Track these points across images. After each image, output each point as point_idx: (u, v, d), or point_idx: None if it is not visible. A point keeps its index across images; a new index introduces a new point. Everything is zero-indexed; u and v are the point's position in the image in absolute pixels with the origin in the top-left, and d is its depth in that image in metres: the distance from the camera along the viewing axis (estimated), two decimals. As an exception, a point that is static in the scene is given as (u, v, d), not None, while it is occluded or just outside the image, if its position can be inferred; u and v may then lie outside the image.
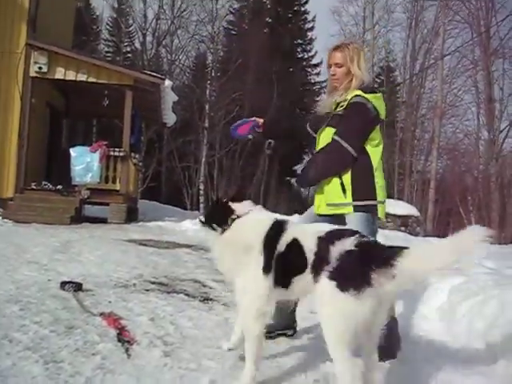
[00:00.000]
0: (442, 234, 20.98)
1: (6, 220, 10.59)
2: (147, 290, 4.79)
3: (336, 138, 3.38)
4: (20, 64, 12.89)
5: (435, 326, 3.99)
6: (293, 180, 5.46)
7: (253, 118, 4.00)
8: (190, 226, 13.49)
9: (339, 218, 3.42)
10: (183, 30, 34.09)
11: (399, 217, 15.36)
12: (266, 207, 3.34)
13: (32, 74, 12.89)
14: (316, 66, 39.81)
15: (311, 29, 39.56)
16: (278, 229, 2.72)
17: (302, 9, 39.50)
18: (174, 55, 34.73)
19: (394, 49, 38.16)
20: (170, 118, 16.73)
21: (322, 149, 3.49)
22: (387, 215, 15.05)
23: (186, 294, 4.85)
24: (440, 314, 4.06)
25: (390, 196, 25.75)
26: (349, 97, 3.42)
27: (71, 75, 13.16)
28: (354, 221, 3.34)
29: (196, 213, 22.80)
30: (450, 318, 3.90)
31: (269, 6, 37.89)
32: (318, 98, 41.16)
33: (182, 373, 2.74)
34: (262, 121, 4.02)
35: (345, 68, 3.48)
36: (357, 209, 3.37)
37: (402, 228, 14.66)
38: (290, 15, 39.11)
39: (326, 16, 38.23)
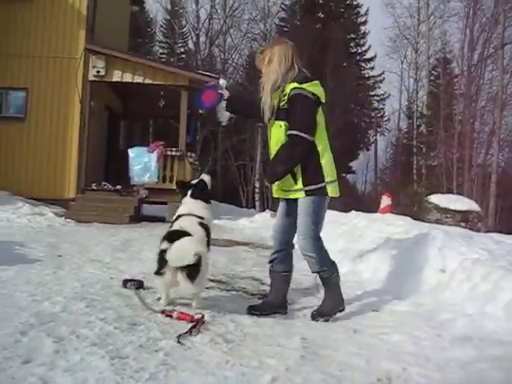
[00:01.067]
0: (504, 229, 20.31)
1: (68, 220, 10.94)
2: (207, 288, 4.83)
3: (294, 132, 3.78)
4: (79, 69, 13.28)
5: (501, 325, 3.85)
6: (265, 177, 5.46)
7: (215, 83, 4.37)
8: (247, 224, 13.57)
9: (294, 201, 3.96)
10: (235, 28, 34.36)
11: (459, 212, 14.93)
12: None
13: (90, 77, 13.28)
14: (370, 60, 39.29)
15: (364, 23, 39.06)
16: None
17: (355, 2, 39.03)
18: (227, 54, 35.04)
19: (450, 40, 37.17)
20: (224, 117, 16.79)
21: (285, 145, 3.86)
22: (447, 211, 14.70)
23: (245, 292, 4.87)
24: (507, 313, 3.91)
25: (449, 191, 25.17)
26: (287, 91, 3.84)
27: (128, 77, 13.47)
28: (303, 204, 3.88)
29: (252, 211, 22.90)
30: (518, 317, 3.76)
31: (320, 1, 37.65)
32: (372, 93, 40.63)
33: (243, 370, 2.75)
34: (227, 93, 4.47)
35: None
36: (307, 193, 3.86)
37: (462, 224, 14.24)
38: (342, 10, 38.71)
39: (379, 9, 37.86)
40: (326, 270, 3.97)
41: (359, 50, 39.57)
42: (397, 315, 4.23)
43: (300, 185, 3.87)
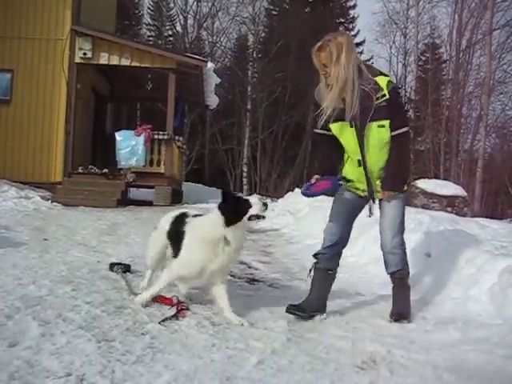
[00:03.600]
0: (490, 214, 20.51)
1: (55, 203, 10.87)
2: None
3: (405, 129, 3.54)
4: (65, 50, 13.12)
5: (485, 308, 3.90)
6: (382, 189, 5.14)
7: (313, 181, 3.72)
8: (234, 208, 13.55)
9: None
10: (224, 11, 33.97)
11: (445, 197, 15.01)
12: None
13: (77, 59, 13.14)
14: (358, 45, 39.12)
15: (353, 7, 38.85)
16: None
17: (344, -13, 38.81)
18: (215, 37, 34.71)
19: (439, 25, 37.23)
20: (212, 101, 16.77)
21: (401, 147, 3.54)
22: (433, 195, 14.78)
23: (233, 275, 4.89)
24: (490, 296, 3.96)
25: (436, 176, 25.32)
26: (382, 86, 3.46)
27: (115, 60, 13.35)
28: (401, 199, 3.69)
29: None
30: (501, 301, 3.81)
31: (310, -15, 37.36)
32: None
33: (229, 353, 2.76)
34: (316, 176, 3.76)
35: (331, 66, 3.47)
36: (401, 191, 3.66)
37: (449, 209, 14.33)
38: (331, -7, 38.47)
39: (369, -7, 37.50)
40: (406, 269, 3.77)
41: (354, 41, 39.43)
42: (382, 299, 4.27)
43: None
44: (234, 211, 3.29)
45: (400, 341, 3.22)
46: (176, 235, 3.52)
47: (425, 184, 15.35)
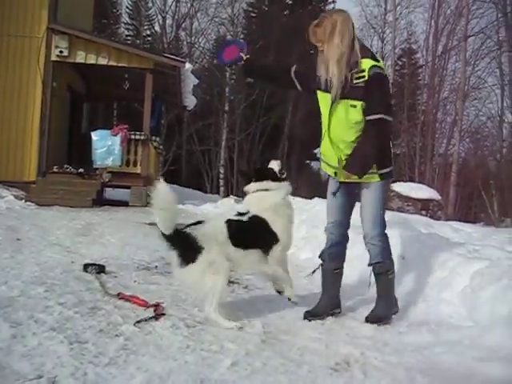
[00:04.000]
0: (463, 218, 20.78)
1: (28, 203, 10.72)
2: (169, 273, 4.80)
3: (381, 115, 3.48)
4: (41, 48, 12.95)
5: (457, 310, 3.96)
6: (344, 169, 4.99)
7: (235, 39, 4.02)
8: (211, 209, 13.53)
9: (359, 185, 3.70)
10: (203, 12, 33.92)
11: (420, 200, 15.21)
12: None
13: (53, 57, 12.95)
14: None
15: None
16: None
17: (323, -10, 38.98)
18: (193, 38, 34.63)
19: (416, 30, 37.56)
20: (190, 102, 16.71)
21: (372, 131, 3.51)
22: (408, 199, 14.94)
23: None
24: (462, 299, 4.02)
25: (411, 179, 25.59)
26: (364, 67, 3.48)
27: (92, 59, 13.19)
28: (375, 189, 3.67)
29: (216, 196, 22.88)
30: (473, 303, 3.86)
31: (289, -13, 37.49)
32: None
33: (204, 355, 2.76)
34: (245, 56, 3.98)
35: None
36: (381, 177, 3.66)
37: (423, 212, 14.53)
38: (310, -4, 38.64)
39: (347, -3, 37.71)
40: (387, 262, 3.72)
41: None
42: (356, 300, 4.31)
43: (375, 168, 3.61)
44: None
45: (374, 343, 3.25)
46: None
47: (400, 187, 15.53)
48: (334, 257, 3.82)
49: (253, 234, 3.53)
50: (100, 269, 4.51)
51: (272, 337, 3.19)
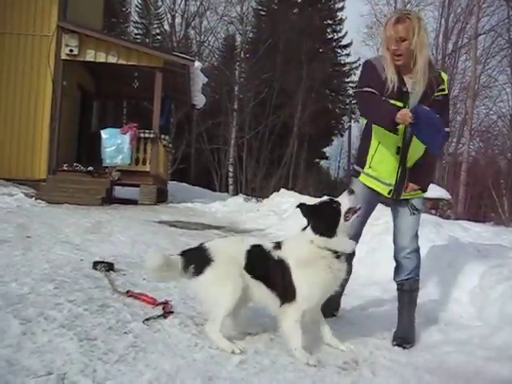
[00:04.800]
0: (473, 217, 20.68)
1: (39, 201, 10.78)
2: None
3: (447, 130, 3.32)
4: (51, 47, 13.02)
5: (466, 309, 3.94)
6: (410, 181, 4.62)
7: None
8: (220, 208, 13.56)
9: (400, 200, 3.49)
10: (212, 11, 33.92)
11: (429, 199, 15.13)
12: (295, 189, 3.40)
13: (63, 56, 13.03)
14: (346, 46, 39.26)
15: (341, 9, 38.94)
16: None
17: (332, -12, 38.90)
18: (203, 37, 34.65)
19: (426, 28, 37.27)
20: (199, 100, 16.74)
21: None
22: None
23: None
24: (471, 298, 4.01)
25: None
26: (444, 79, 3.36)
27: (101, 57, 13.26)
28: (417, 203, 3.49)
29: (225, 194, 22.91)
30: (482, 302, 3.85)
31: (298, -14, 37.43)
32: (347, 79, 40.68)
33: (212, 352, 2.76)
34: None
35: (408, 42, 3.17)
36: (423, 191, 3.51)
37: (433, 211, 14.47)
38: (319, -5, 38.57)
39: (357, -4, 37.62)
40: (418, 280, 3.54)
41: (335, 36, 39.48)
42: (365, 299, 4.30)
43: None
44: (326, 220, 2.93)
45: (382, 342, 3.24)
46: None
47: (409, 186, 15.44)
48: None
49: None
50: (109, 266, 4.53)
51: (280, 335, 3.19)
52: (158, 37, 35.86)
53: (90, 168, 12.98)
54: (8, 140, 12.98)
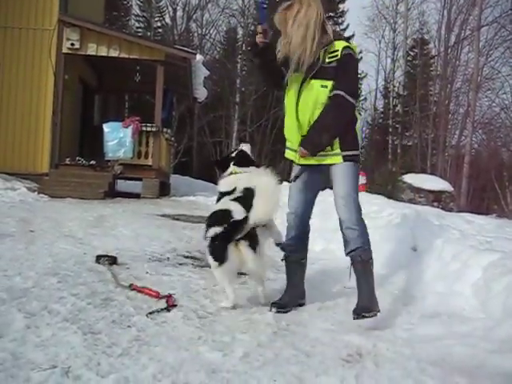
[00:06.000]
0: (475, 209, 20.66)
1: (41, 195, 10.79)
2: (181, 264, 4.85)
3: (341, 93, 3.37)
4: (52, 41, 12.99)
5: (469, 302, 3.94)
6: (300, 146, 4.91)
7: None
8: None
9: (321, 168, 3.57)
10: (213, 3, 33.86)
11: (432, 192, 15.14)
12: None
13: (64, 50, 13.00)
14: (348, 39, 38.86)
15: (343, 1, 38.78)
16: None
17: (334, -20, 38.70)
18: (204, 30, 34.56)
19: (428, 20, 37.20)
20: (201, 93, 16.71)
21: (330, 109, 3.40)
22: (420, 190, 14.87)
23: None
24: (475, 291, 4.00)
25: (423, 171, 25.47)
26: (337, 47, 3.41)
27: (103, 51, 13.23)
28: (341, 170, 3.49)
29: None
30: (485, 295, 3.85)
31: (300, -21, 37.19)
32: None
33: (216, 346, 2.77)
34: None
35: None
36: (345, 158, 3.47)
37: (435, 203, 14.46)
38: (321, -13, 38.34)
39: (359, -13, 37.41)
40: (367, 249, 3.49)
41: (337, 29, 39.40)
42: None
43: (337, 149, 3.47)
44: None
45: (385, 334, 3.25)
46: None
47: (412, 179, 15.47)
48: (295, 249, 3.74)
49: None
50: (112, 260, 4.54)
51: (283, 328, 3.20)
52: (160, 30, 35.76)
53: (93, 162, 12.98)
54: (10, 134, 12.98)
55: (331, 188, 3.63)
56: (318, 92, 3.42)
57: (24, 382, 2.16)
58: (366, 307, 3.33)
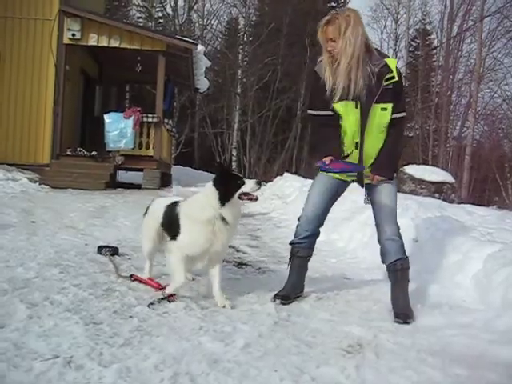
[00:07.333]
0: (477, 201, 20.66)
1: (42, 186, 10.82)
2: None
3: (404, 114, 3.46)
4: (53, 31, 12.95)
5: (470, 293, 3.95)
6: (373, 173, 4.87)
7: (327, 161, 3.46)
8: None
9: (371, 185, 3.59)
10: (215, -7, 33.61)
11: (433, 183, 15.09)
12: (299, 173, 3.45)
13: (65, 40, 12.98)
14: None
15: (345, -10, 38.59)
16: None
17: (336, -30, 38.45)
18: (205, 20, 34.37)
19: (430, 11, 36.99)
20: (202, 84, 16.67)
21: (397, 132, 3.48)
22: (421, 181, 14.85)
23: (220, 259, 4.89)
24: (475, 283, 4.01)
25: (424, 162, 25.43)
26: (392, 67, 3.37)
27: (104, 41, 13.20)
28: (388, 188, 3.55)
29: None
30: (485, 287, 3.85)
31: (301, -32, 37.01)
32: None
33: (217, 336, 2.78)
34: (331, 158, 3.47)
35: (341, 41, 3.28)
36: (396, 173, 3.60)
37: (436, 195, 14.42)
38: (323, -23, 38.14)
39: (361, -23, 37.19)
40: (407, 258, 3.60)
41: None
42: (369, 283, 4.31)
43: None
44: (226, 186, 3.22)
45: (386, 325, 3.26)
46: (170, 220, 3.45)
47: (413, 170, 15.41)
48: (305, 246, 3.74)
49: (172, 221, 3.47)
50: (113, 251, 4.55)
51: (284, 318, 3.21)
52: (161, 20, 35.57)
53: (94, 152, 12.98)
54: (11, 125, 12.98)
55: None
56: (380, 116, 3.39)
57: (26, 372, 2.17)
58: (407, 314, 3.42)
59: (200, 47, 14.30)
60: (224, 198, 3.20)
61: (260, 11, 35.49)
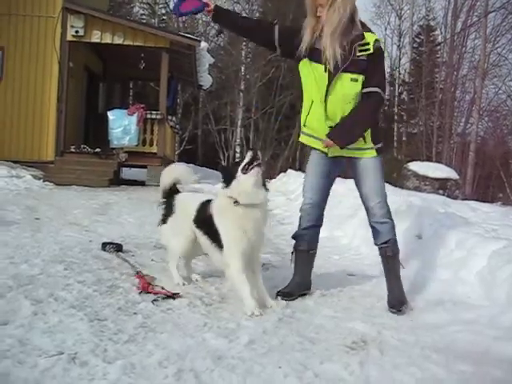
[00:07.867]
0: (481, 197, 20.61)
1: (47, 183, 10.83)
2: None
3: (377, 89, 3.40)
4: (57, 28, 12.95)
5: (474, 290, 3.94)
6: (327, 136, 4.93)
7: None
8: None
9: (342, 159, 3.62)
10: (218, -10, 33.53)
11: (437, 180, 15.07)
12: (302, 170, 3.48)
13: (69, 37, 12.97)
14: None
15: (348, -13, 38.48)
16: None
17: (340, -34, 38.33)
18: (209, 17, 34.29)
19: (434, 7, 36.77)
20: (205, 81, 16.65)
21: (365, 104, 3.41)
22: (425, 178, 14.82)
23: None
24: (479, 279, 4.00)
25: (428, 159, 25.37)
26: (369, 40, 3.35)
27: (107, 38, 13.19)
28: (373, 164, 3.54)
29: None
30: (490, 283, 3.85)
31: (305, -36, 36.87)
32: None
33: (221, 332, 2.78)
34: (211, 6, 3.70)
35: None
36: (378, 151, 3.55)
37: (440, 191, 14.40)
38: (326, -27, 38.00)
39: (365, -27, 37.06)
40: (396, 241, 3.60)
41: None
42: (373, 280, 4.31)
43: (370, 143, 3.52)
44: (228, 171, 3.33)
45: (390, 321, 3.26)
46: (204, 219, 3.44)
47: (417, 166, 15.40)
48: (308, 239, 3.75)
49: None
50: (118, 247, 4.56)
51: (288, 315, 3.21)
52: (164, 17, 35.55)
53: (98, 149, 12.99)
54: (15, 122, 13.00)
55: (340, 177, 3.67)
56: (349, 86, 3.37)
57: (31, 368, 2.18)
58: (401, 301, 3.48)
59: (203, 44, 14.29)
60: (229, 180, 3.25)
61: (263, 8, 35.41)
